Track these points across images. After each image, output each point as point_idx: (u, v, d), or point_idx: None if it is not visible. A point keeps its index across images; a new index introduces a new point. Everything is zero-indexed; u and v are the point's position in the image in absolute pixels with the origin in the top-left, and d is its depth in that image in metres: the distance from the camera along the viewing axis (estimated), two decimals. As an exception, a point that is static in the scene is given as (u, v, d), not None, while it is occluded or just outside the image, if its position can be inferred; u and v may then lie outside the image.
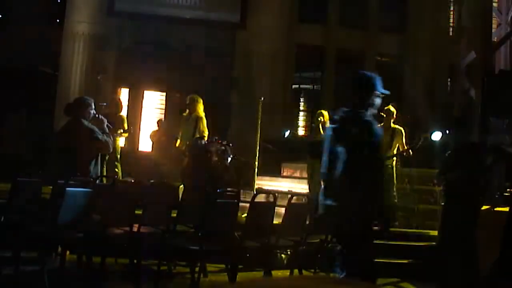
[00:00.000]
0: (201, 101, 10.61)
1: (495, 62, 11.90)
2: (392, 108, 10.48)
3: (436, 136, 12.08)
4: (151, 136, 14.21)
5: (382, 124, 10.26)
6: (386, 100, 12.15)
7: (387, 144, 9.95)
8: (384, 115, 10.37)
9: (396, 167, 10.19)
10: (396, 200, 9.87)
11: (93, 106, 8.01)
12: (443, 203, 7.51)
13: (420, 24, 17.21)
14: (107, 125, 8.04)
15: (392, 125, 10.20)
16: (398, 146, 10.14)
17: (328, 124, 10.72)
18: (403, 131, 10.26)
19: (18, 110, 16.75)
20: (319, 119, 10.66)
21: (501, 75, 11.38)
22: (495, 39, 11.84)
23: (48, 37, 15.84)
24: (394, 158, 10.11)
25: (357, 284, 0.83)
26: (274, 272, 7.28)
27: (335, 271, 5.06)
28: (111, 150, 8.31)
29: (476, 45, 11.24)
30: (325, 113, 10.77)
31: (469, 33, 11.91)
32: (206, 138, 10.39)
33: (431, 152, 12.41)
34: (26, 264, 6.69)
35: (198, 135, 10.32)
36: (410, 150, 10.12)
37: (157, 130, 14.15)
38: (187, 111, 10.67)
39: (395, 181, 9.96)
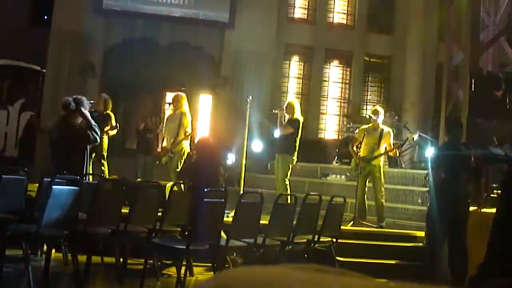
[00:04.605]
0: (186, 99, 10.59)
1: (483, 63, 11.94)
2: (379, 109, 10.48)
3: (416, 137, 12.18)
4: (137, 130, 14.17)
5: (371, 124, 10.26)
6: (373, 102, 12.27)
7: (375, 144, 9.96)
8: (372, 116, 10.37)
9: (383, 168, 10.19)
10: (383, 201, 9.87)
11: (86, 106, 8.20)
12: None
13: (408, 24, 17.24)
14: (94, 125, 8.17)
15: (380, 126, 10.19)
16: (386, 146, 10.12)
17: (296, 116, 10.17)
18: (391, 132, 10.28)
19: (5, 106, 16.64)
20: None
21: (488, 76, 11.43)
22: (483, 40, 11.88)
23: (35, 34, 15.73)
24: (382, 159, 10.11)
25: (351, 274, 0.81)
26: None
27: None
28: (97, 143, 8.46)
29: (464, 46, 11.27)
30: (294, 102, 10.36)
31: (457, 34, 11.94)
32: (192, 137, 10.37)
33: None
34: (11, 262, 6.64)
35: (182, 132, 10.27)
36: (396, 150, 10.15)
37: (145, 128, 14.10)
38: (172, 109, 10.66)
39: (382, 182, 9.96)
